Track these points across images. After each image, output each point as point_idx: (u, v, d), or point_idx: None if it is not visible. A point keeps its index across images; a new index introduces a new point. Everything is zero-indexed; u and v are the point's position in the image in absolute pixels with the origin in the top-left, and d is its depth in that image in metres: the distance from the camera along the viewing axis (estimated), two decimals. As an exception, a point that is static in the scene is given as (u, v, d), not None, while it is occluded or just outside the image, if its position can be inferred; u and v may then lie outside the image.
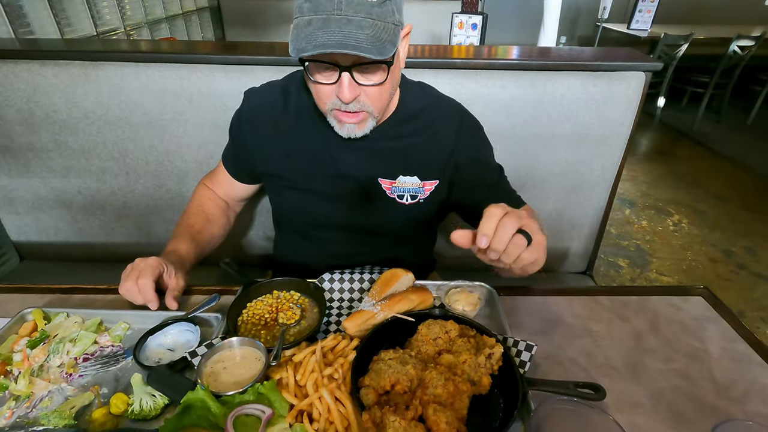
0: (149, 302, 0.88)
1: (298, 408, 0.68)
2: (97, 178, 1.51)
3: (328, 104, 0.86)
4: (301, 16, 0.75)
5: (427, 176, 1.03)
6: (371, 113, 0.87)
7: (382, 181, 1.02)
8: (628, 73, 1.35)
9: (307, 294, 0.95)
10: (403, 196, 1.03)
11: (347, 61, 0.78)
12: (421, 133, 1.01)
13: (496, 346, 0.76)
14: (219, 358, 0.77)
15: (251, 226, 1.58)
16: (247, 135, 1.06)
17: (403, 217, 1.06)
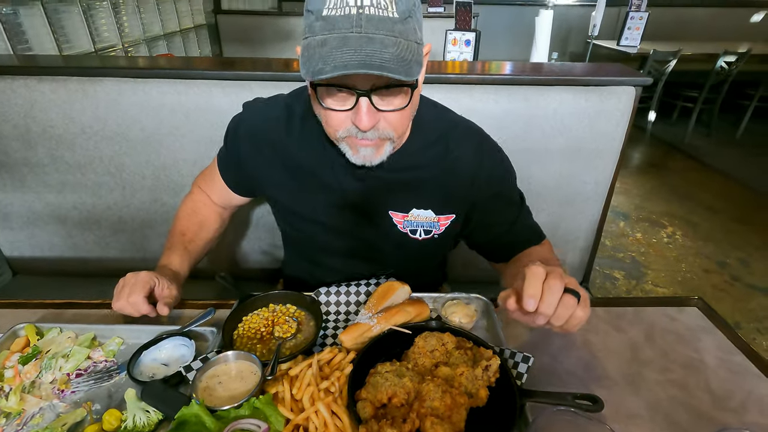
0: (142, 312, 0.87)
1: (294, 422, 0.68)
2: (93, 192, 1.51)
3: (341, 132, 0.77)
4: (312, 36, 0.67)
5: (443, 210, 0.95)
6: (391, 139, 0.79)
7: (394, 214, 0.95)
8: (618, 87, 1.37)
9: (303, 307, 0.95)
10: (416, 231, 0.96)
11: (366, 85, 0.69)
12: (438, 162, 0.93)
13: (493, 359, 0.76)
14: (214, 372, 0.76)
15: (248, 240, 1.58)
16: (244, 152, 0.99)
17: (415, 253, 1.00)
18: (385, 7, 0.65)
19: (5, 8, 1.81)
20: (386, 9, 0.65)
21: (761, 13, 5.69)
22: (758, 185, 3.80)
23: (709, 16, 5.78)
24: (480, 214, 0.98)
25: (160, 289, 0.91)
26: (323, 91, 0.73)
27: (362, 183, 0.93)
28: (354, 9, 0.64)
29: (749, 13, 5.73)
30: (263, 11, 4.86)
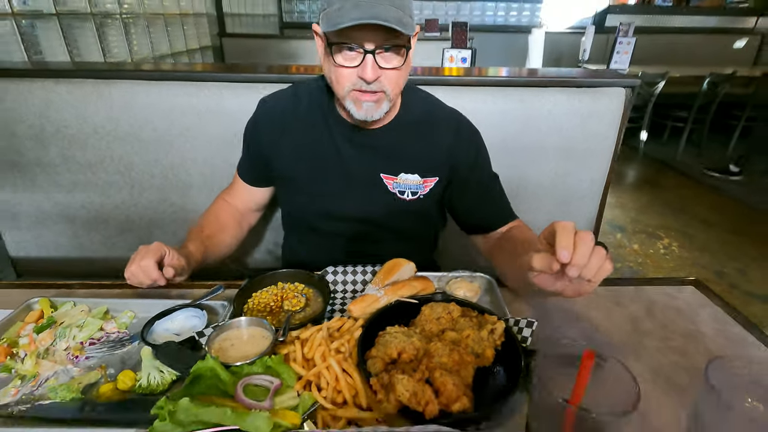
0: (154, 280, 0.89)
1: (306, 378, 0.69)
2: (102, 192, 1.55)
3: (347, 86, 0.92)
4: (330, 7, 0.85)
5: (427, 174, 1.09)
6: (388, 95, 0.93)
7: (385, 177, 1.08)
8: (609, 89, 1.45)
9: (311, 285, 0.98)
10: (404, 192, 1.09)
11: (371, 45, 0.86)
12: (423, 135, 1.08)
13: (498, 323, 0.78)
14: (227, 336, 0.78)
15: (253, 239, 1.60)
16: (262, 138, 1.13)
17: (404, 211, 1.12)
18: None
19: (24, 20, 1.89)
20: None
21: (743, 39, 5.94)
22: (751, 201, 3.88)
23: (695, 42, 6.02)
24: (458, 179, 1.11)
25: (170, 258, 0.94)
26: (337, 50, 0.89)
27: (359, 150, 1.08)
28: None
29: (732, 40, 5.98)
30: (266, 35, 5.05)
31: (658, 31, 6.14)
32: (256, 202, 1.27)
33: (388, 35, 0.85)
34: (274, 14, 6.09)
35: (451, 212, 1.20)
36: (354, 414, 0.65)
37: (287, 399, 0.67)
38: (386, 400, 0.62)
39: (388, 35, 0.85)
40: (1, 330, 0.83)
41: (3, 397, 0.70)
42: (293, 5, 6.34)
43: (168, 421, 0.58)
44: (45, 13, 2.03)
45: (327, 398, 0.67)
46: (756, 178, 4.38)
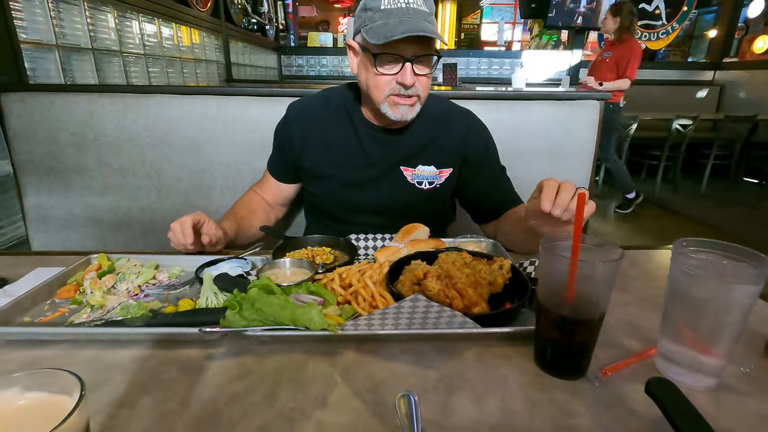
0: (187, 238, 1.00)
1: (345, 296, 0.80)
2: (130, 195, 1.67)
3: (387, 91, 1.06)
4: (373, 23, 1.01)
5: (443, 165, 1.24)
6: (420, 98, 1.09)
7: (404, 169, 1.23)
8: (586, 101, 1.67)
9: (337, 248, 1.10)
10: (422, 183, 1.24)
11: (409, 54, 1.02)
12: (439, 130, 1.23)
13: (506, 260, 0.91)
14: (273, 272, 0.89)
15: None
16: (293, 134, 1.25)
17: (421, 200, 1.26)
18: (421, 5, 1.02)
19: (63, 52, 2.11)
20: (423, 5, 1.03)
21: (704, 90, 6.52)
22: (731, 230, 4.11)
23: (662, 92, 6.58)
24: (470, 167, 1.25)
25: (208, 227, 1.06)
26: (380, 60, 1.03)
27: (381, 146, 1.22)
28: (404, 4, 1.01)
29: (695, 90, 6.56)
30: (267, 80, 5.42)
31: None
32: (283, 197, 1.40)
33: (422, 46, 1.02)
34: (275, 67, 6.55)
35: (464, 201, 1.34)
36: (389, 320, 0.76)
37: (331, 311, 0.78)
38: (418, 301, 0.74)
39: (422, 46, 1.02)
40: (67, 275, 0.92)
41: (77, 319, 0.79)
42: (291, 60, 6.83)
43: (237, 311, 0.68)
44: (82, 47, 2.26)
45: (365, 311, 0.78)
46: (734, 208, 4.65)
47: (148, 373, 0.67)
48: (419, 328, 0.72)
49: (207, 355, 0.70)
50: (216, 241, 1.08)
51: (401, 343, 0.74)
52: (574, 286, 0.62)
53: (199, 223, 1.06)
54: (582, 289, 0.63)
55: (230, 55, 4.41)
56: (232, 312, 0.68)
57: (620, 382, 0.66)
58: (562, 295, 0.64)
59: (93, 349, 0.72)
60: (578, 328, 0.65)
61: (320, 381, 0.65)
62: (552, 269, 0.66)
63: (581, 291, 0.63)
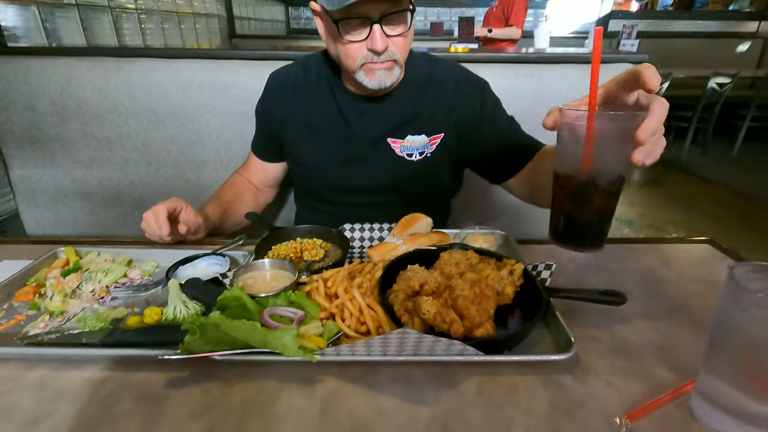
0: (162, 229, 0.91)
1: (330, 309, 0.70)
2: (119, 168, 1.57)
3: (359, 60, 0.93)
4: None
5: (433, 132, 1.11)
6: (398, 62, 0.96)
7: (392, 141, 1.10)
8: (618, 64, 1.46)
9: (329, 240, 0.99)
10: (411, 155, 1.11)
11: (377, 14, 0.87)
12: (427, 95, 1.09)
13: (517, 264, 0.79)
14: (250, 275, 0.79)
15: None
16: (273, 110, 1.16)
17: (413, 173, 1.13)
18: None
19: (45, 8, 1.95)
20: None
21: (746, 43, 5.98)
22: (762, 195, 3.86)
23: (697, 46, 6.08)
24: (469, 134, 1.11)
25: (186, 214, 0.96)
26: (344, 27, 0.90)
27: (366, 118, 1.09)
28: None
29: (735, 44, 6.03)
30: (273, 35, 5.14)
31: (660, 36, 6.20)
32: (270, 177, 1.29)
33: (392, 1, 0.87)
34: (282, 20, 6.20)
35: (477, 166, 1.20)
36: (378, 340, 0.66)
37: (312, 328, 0.68)
38: (411, 323, 0.63)
39: (392, 1, 0.87)
40: (28, 274, 0.84)
41: (32, 330, 0.71)
42: (300, 12, 6.46)
43: (198, 336, 0.59)
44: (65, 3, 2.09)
45: (351, 326, 0.68)
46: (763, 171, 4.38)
47: (100, 403, 0.59)
48: (411, 355, 0.62)
49: (169, 381, 0.62)
50: (196, 230, 0.98)
51: (390, 369, 0.64)
52: (591, 148, 0.58)
53: (176, 211, 0.96)
54: (599, 150, 0.59)
55: (232, 8, 4.14)
56: (191, 338, 0.59)
57: (649, 428, 0.55)
58: (578, 159, 0.60)
59: (44, 369, 0.64)
60: (595, 195, 0.62)
61: (294, 419, 0.57)
62: (568, 133, 0.61)
63: (598, 152, 0.59)
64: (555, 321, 0.71)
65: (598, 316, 0.76)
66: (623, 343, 0.70)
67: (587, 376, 0.63)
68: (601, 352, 0.68)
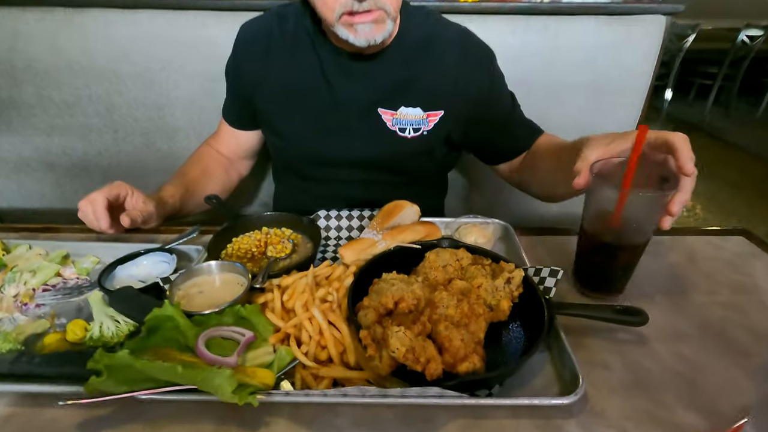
0: (101, 221, 0.78)
1: (285, 330, 0.58)
2: (82, 136, 1.42)
3: (337, 9, 0.77)
4: None
5: (431, 106, 0.94)
6: (388, 12, 0.79)
7: (383, 111, 0.93)
8: (647, 16, 1.26)
9: (299, 230, 0.86)
10: (405, 129, 0.94)
11: None
12: (426, 61, 0.93)
13: (516, 271, 0.66)
14: (195, 282, 0.66)
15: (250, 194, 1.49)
16: (244, 68, 0.99)
17: (406, 152, 0.97)
18: None
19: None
20: None
21: (784, -10, 5.46)
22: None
23: (729, -7, 5.56)
24: (472, 116, 0.97)
25: (133, 200, 0.83)
26: None
27: (352, 81, 0.93)
28: None
29: (772, -10, 5.50)
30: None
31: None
32: (243, 148, 1.13)
33: None
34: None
35: (474, 147, 1.07)
36: (340, 373, 0.54)
37: (261, 354, 0.56)
38: (378, 358, 0.51)
39: None
40: (-56, 273, 0.72)
41: (-64, 347, 0.60)
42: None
43: (105, 378, 0.47)
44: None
45: (308, 354, 0.56)
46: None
47: (-5, 454, 0.48)
48: (377, 396, 0.50)
49: (82, 423, 0.51)
50: (146, 219, 0.85)
51: (354, 408, 0.53)
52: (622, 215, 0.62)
53: (119, 198, 0.82)
54: (630, 217, 0.63)
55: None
56: (98, 380, 0.47)
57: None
58: (608, 221, 0.64)
59: (-64, 402, 0.53)
60: (621, 253, 0.68)
61: (228, 478, 0.46)
62: (600, 196, 0.65)
63: (629, 220, 0.63)
64: (559, 345, 0.59)
65: (608, 334, 0.64)
66: (640, 372, 0.58)
67: (596, 422, 0.51)
68: (613, 386, 0.56)
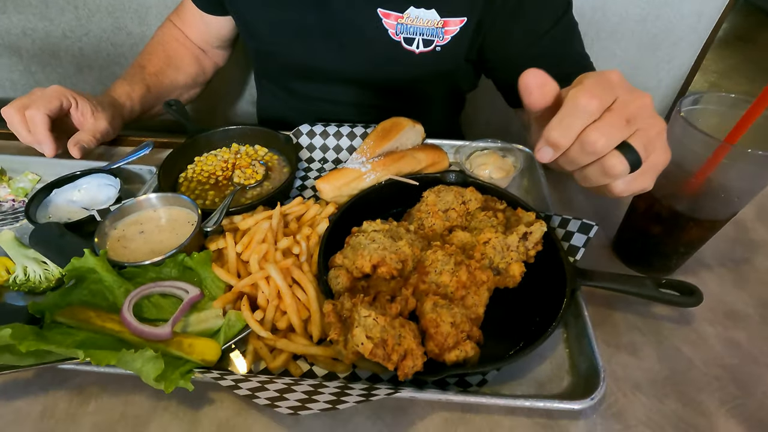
0: (42, 143, 0.65)
1: (237, 290, 0.47)
2: (41, 14, 1.21)
3: None
4: None
5: (451, 11, 0.68)
6: None
7: (384, 14, 0.69)
8: None
9: (276, 149, 0.70)
10: (412, 41, 0.71)
11: None
12: None
13: (537, 223, 0.51)
14: (137, 219, 0.54)
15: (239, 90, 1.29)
16: None
17: (411, 72, 0.75)
18: None
19: None
20: None
21: None
22: None
23: None
24: (497, 17, 0.69)
25: (81, 113, 0.68)
26: None
27: None
28: None
29: None
30: None
31: None
32: (215, 36, 0.91)
33: None
34: None
35: (486, 73, 0.82)
36: (301, 349, 0.44)
37: (208, 318, 0.46)
38: (341, 342, 0.39)
39: None
40: None
41: None
42: None
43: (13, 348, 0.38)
44: None
45: (264, 322, 0.45)
46: None
47: None
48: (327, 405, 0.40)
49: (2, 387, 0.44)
50: (101, 139, 0.71)
51: (316, 391, 0.44)
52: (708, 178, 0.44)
53: (62, 110, 0.67)
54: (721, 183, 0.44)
55: None
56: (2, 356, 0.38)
57: None
58: (685, 182, 0.46)
59: None
60: (693, 227, 0.49)
61: (160, 470, 0.39)
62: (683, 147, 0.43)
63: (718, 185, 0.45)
64: (579, 325, 0.47)
65: (641, 307, 0.51)
66: (677, 363, 0.46)
67: (611, 429, 0.41)
68: (638, 380, 0.45)
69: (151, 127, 0.87)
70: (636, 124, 0.35)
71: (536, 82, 0.36)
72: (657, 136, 0.37)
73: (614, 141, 0.35)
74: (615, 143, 0.35)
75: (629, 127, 0.35)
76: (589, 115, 0.34)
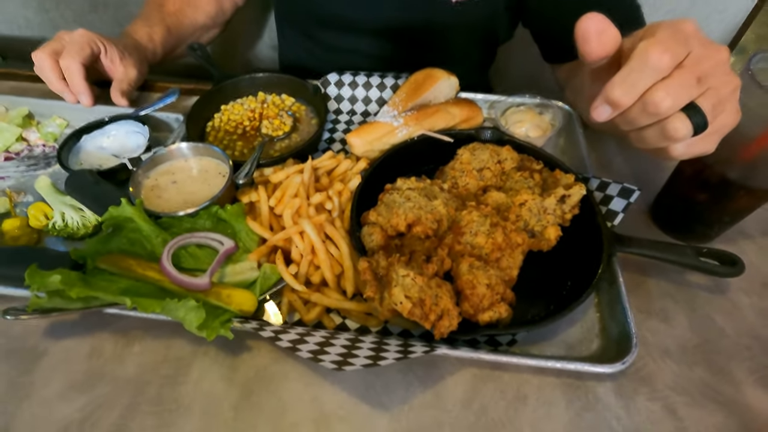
0: (80, 94, 0.64)
1: (271, 244, 0.47)
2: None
3: None
4: None
5: None
6: None
7: None
8: None
9: (304, 100, 0.68)
10: None
11: None
12: None
13: (576, 186, 0.49)
14: (169, 168, 0.54)
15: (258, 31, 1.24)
16: None
17: (448, 22, 0.70)
18: None
19: None
20: None
21: None
22: None
23: None
24: None
25: (110, 60, 0.66)
26: None
27: None
28: None
29: None
30: None
31: None
32: None
33: None
34: None
35: (524, 22, 0.77)
36: (334, 303, 0.45)
37: (243, 270, 0.46)
38: (378, 300, 0.40)
39: None
40: None
41: None
42: None
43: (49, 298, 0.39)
44: None
45: (298, 276, 0.46)
46: None
47: (-44, 353, 0.44)
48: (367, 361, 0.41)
49: (50, 328, 0.46)
50: (135, 84, 0.69)
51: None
52: None
53: (93, 57, 0.65)
54: None
55: None
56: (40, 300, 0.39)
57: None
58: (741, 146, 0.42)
59: None
60: (744, 196, 0.46)
61: (200, 410, 0.41)
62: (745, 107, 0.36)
63: None
64: (613, 292, 0.46)
65: (675, 275, 0.51)
66: (709, 332, 0.46)
67: (637, 391, 0.42)
68: (668, 346, 0.45)
69: (175, 71, 0.85)
70: (707, 82, 0.33)
71: (596, 27, 0.33)
72: (729, 95, 0.34)
73: (681, 102, 0.32)
74: (681, 104, 0.32)
75: (699, 86, 0.32)
76: (659, 72, 0.31)
